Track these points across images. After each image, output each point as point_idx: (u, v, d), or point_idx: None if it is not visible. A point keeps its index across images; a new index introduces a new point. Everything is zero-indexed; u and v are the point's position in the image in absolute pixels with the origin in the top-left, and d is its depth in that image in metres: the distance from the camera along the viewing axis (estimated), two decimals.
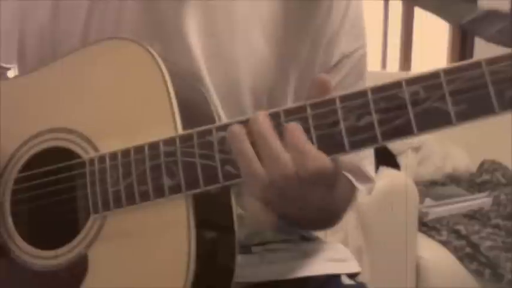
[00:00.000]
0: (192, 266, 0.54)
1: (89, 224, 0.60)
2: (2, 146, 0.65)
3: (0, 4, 0.74)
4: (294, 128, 0.51)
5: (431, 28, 2.84)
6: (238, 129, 0.52)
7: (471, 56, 2.84)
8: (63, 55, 0.67)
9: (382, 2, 2.79)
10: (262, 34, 0.69)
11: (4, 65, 0.78)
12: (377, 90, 0.50)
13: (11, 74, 0.78)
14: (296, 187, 0.51)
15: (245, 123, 0.53)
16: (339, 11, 0.72)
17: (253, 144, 0.52)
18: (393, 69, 2.87)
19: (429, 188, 2.16)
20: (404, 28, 2.86)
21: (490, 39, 0.52)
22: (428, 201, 1.98)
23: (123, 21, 0.68)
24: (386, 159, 1.97)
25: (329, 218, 0.69)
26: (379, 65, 2.83)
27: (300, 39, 0.71)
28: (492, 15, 0.52)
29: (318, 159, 0.50)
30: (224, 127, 0.54)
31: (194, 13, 0.68)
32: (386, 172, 1.80)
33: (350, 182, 0.74)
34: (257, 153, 0.52)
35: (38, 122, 0.65)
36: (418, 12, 2.83)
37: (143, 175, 0.57)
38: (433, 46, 2.99)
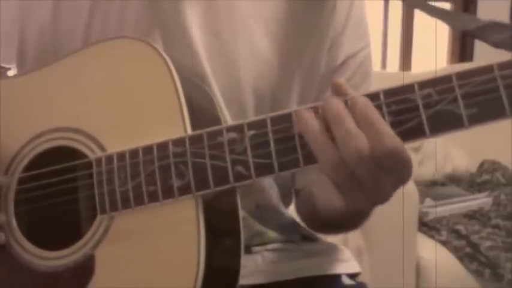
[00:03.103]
0: (202, 267, 0.53)
1: (95, 224, 0.59)
2: (5, 145, 0.64)
3: (0, 4, 0.74)
4: (367, 105, 0.49)
5: (431, 28, 2.83)
6: (306, 112, 0.51)
7: (471, 56, 2.84)
8: (66, 54, 0.66)
9: (382, 2, 2.79)
10: (265, 34, 0.69)
11: (4, 65, 0.78)
12: (389, 92, 0.50)
13: (11, 73, 0.78)
14: (371, 168, 0.49)
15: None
16: (342, 11, 0.72)
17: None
18: (393, 69, 2.87)
19: (429, 188, 2.16)
20: (404, 28, 2.86)
21: (494, 45, 0.52)
22: (428, 201, 1.98)
23: (126, 21, 0.67)
24: None
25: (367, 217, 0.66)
26: (379, 65, 2.83)
27: (304, 40, 0.70)
28: (493, 26, 0.53)
29: (395, 138, 0.48)
30: (234, 128, 0.54)
31: (197, 13, 0.67)
32: None
33: None
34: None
35: (42, 121, 0.64)
36: (418, 12, 2.83)
37: (152, 175, 0.56)
38: (433, 46, 2.99)
